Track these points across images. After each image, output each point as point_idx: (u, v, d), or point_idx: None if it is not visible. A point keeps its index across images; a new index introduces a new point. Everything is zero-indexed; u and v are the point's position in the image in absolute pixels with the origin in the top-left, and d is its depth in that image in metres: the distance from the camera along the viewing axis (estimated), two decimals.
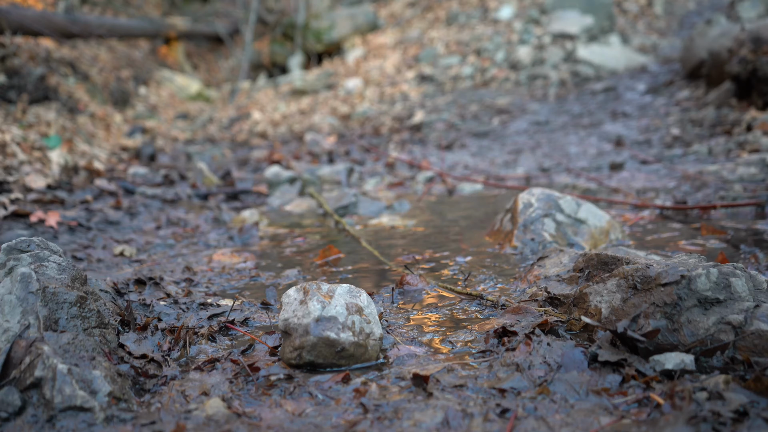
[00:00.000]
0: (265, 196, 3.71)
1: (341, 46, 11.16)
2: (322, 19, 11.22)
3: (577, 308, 1.45)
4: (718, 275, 1.25)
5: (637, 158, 3.89)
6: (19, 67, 5.20)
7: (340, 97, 8.74)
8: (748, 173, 3.05)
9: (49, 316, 1.30)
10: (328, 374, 1.28)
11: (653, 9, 9.94)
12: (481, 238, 2.38)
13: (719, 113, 4.62)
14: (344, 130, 6.80)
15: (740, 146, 3.71)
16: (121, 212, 3.18)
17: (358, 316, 1.34)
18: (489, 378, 1.22)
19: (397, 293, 1.78)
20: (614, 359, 1.19)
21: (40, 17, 6.14)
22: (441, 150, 5.03)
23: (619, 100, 6.19)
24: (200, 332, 1.52)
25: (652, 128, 4.81)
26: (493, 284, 1.82)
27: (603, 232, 2.21)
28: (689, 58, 6.00)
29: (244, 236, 2.68)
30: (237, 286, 1.97)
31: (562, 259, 1.76)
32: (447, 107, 6.96)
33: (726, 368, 1.16)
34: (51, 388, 1.10)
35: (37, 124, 4.63)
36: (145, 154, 5.37)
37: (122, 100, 8.13)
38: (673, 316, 1.24)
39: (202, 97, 10.46)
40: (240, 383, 1.26)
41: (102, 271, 2.20)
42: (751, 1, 7.71)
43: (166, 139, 7.09)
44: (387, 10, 12.05)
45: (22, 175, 3.41)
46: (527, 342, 1.29)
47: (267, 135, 7.15)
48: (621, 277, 1.38)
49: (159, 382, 1.28)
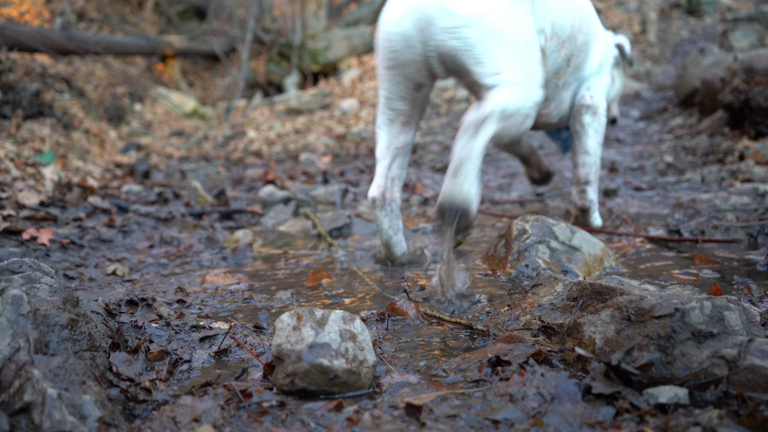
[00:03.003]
0: (260, 215, 3.70)
1: (337, 67, 11.23)
2: (319, 40, 11.30)
3: (571, 338, 1.45)
4: (711, 308, 1.26)
5: (631, 185, 3.91)
6: (14, 82, 5.21)
7: (336, 117, 8.77)
8: (741, 202, 3.07)
9: (39, 338, 1.29)
10: (321, 402, 1.27)
11: (647, 36, 10.05)
12: (475, 262, 2.38)
13: (712, 141, 4.66)
14: (339, 150, 6.82)
15: (733, 175, 3.73)
16: (114, 230, 3.17)
17: (351, 343, 1.33)
18: (482, 408, 1.21)
19: (391, 320, 1.78)
20: (608, 392, 1.19)
21: (37, 33, 6.16)
22: (436, 173, 5.04)
23: (612, 126, 6.23)
24: (191, 356, 1.51)
25: (645, 155, 4.84)
26: (487, 311, 1.82)
27: (597, 259, 2.21)
28: (682, 86, 6.07)
29: (237, 257, 2.68)
30: (230, 309, 1.96)
31: (556, 288, 1.76)
32: (442, 129, 6.99)
33: (720, 403, 1.16)
34: (40, 413, 1.09)
35: (31, 140, 4.62)
36: (139, 171, 5.37)
37: (117, 116, 8.14)
38: (667, 349, 1.24)
39: (197, 114, 10.48)
40: (232, 409, 1.25)
41: (94, 290, 2.18)
42: (743, 31, 7.82)
43: (160, 156, 7.09)
44: None
45: (15, 191, 3.39)
46: (521, 372, 1.28)
47: (262, 154, 7.16)
48: (615, 308, 1.38)
49: (149, 407, 1.27)
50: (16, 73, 5.64)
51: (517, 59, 2.04)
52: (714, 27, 10.27)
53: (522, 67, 2.05)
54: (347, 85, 10.14)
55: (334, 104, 9.36)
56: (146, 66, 11.62)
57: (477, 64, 2.01)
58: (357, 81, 10.16)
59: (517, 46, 2.05)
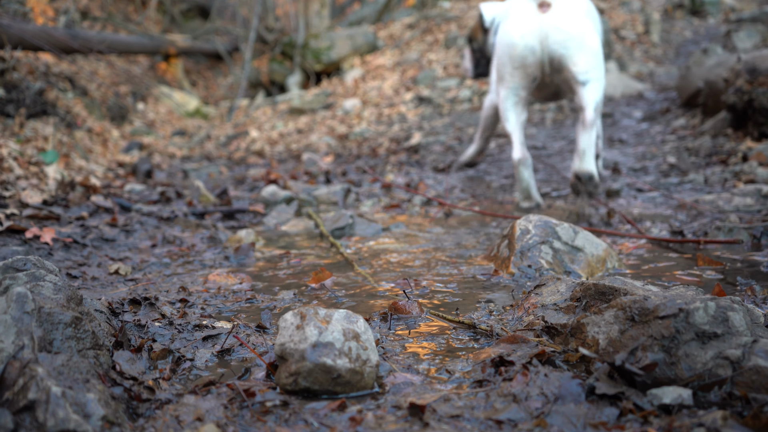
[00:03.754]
0: (262, 215, 3.70)
1: (340, 66, 11.23)
2: (322, 39, 11.30)
3: (575, 338, 1.45)
4: (715, 309, 1.25)
5: (634, 185, 3.91)
6: (18, 81, 5.21)
7: (338, 116, 8.77)
8: (744, 203, 3.06)
9: (43, 336, 1.29)
10: (324, 401, 1.27)
11: (650, 37, 10.04)
12: (477, 262, 2.38)
13: (715, 142, 4.65)
14: (341, 150, 6.82)
15: (736, 176, 3.73)
16: (116, 229, 3.17)
17: (354, 343, 1.33)
18: (486, 408, 1.21)
19: (393, 319, 1.78)
20: (612, 392, 1.19)
21: (41, 32, 6.17)
22: (438, 173, 5.04)
23: (615, 126, 6.23)
24: (195, 355, 1.51)
25: (648, 155, 4.83)
26: (490, 311, 1.82)
27: (600, 260, 2.21)
28: (685, 86, 6.05)
29: (240, 256, 2.68)
30: (233, 308, 1.96)
31: (559, 288, 1.76)
32: (444, 129, 6.99)
33: (724, 404, 1.16)
34: (44, 411, 1.09)
35: (34, 139, 4.63)
36: (142, 170, 5.37)
37: (120, 115, 8.14)
38: (671, 350, 1.24)
39: (200, 113, 10.49)
40: (235, 409, 1.25)
41: (97, 289, 2.19)
42: (746, 32, 7.81)
43: (163, 155, 7.10)
44: (386, 32, 12.14)
45: (18, 190, 3.40)
46: (524, 372, 1.28)
47: (264, 153, 7.16)
48: (619, 309, 1.38)
49: (153, 406, 1.27)
50: (19, 71, 5.65)
51: (597, 63, 3.24)
52: (717, 27, 10.26)
53: (599, 68, 3.25)
54: (350, 84, 10.14)
55: (337, 104, 9.36)
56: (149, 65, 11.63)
57: (574, 66, 3.22)
58: (360, 80, 10.16)
59: (597, 54, 3.24)
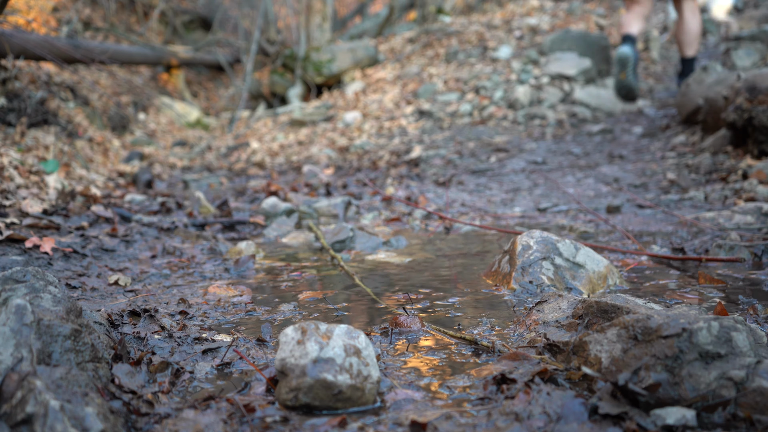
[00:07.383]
0: (262, 227, 3.70)
1: (341, 79, 11.26)
2: (323, 52, 11.34)
3: (577, 356, 1.44)
4: (719, 329, 1.25)
5: (635, 202, 3.91)
6: (19, 90, 5.22)
7: (339, 129, 8.78)
8: (745, 221, 3.06)
9: (42, 349, 1.28)
10: (325, 417, 1.26)
11: (650, 54, 10.08)
12: (478, 278, 2.37)
13: (715, 160, 4.66)
14: (342, 162, 6.83)
15: (736, 194, 3.73)
16: (116, 240, 3.17)
17: (356, 358, 1.32)
18: (488, 427, 1.20)
19: (394, 334, 1.77)
20: (615, 412, 1.18)
21: (43, 42, 6.18)
22: (438, 186, 5.04)
23: (615, 142, 6.24)
24: (194, 368, 1.50)
25: (648, 172, 4.84)
26: (491, 328, 1.81)
27: (601, 277, 2.20)
28: (685, 103, 6.07)
29: (240, 268, 2.67)
30: (232, 321, 1.95)
31: (560, 305, 1.75)
32: (445, 143, 7.00)
33: (728, 425, 1.15)
34: (42, 425, 1.08)
35: (35, 148, 4.63)
36: (142, 180, 5.37)
37: (121, 125, 8.15)
38: (674, 370, 1.23)
39: (200, 124, 10.50)
40: (234, 424, 1.24)
41: (96, 300, 2.18)
42: (745, 50, 7.84)
43: (163, 165, 7.10)
44: (387, 45, 12.18)
45: (18, 199, 3.39)
46: (526, 391, 1.27)
47: (264, 165, 7.17)
48: (621, 327, 1.37)
49: (151, 421, 1.26)
50: (21, 80, 5.66)
51: None
52: (716, 46, 10.29)
53: None
54: (351, 97, 10.16)
55: (338, 116, 9.37)
56: (151, 75, 11.66)
57: None
58: (360, 93, 10.18)
59: None
